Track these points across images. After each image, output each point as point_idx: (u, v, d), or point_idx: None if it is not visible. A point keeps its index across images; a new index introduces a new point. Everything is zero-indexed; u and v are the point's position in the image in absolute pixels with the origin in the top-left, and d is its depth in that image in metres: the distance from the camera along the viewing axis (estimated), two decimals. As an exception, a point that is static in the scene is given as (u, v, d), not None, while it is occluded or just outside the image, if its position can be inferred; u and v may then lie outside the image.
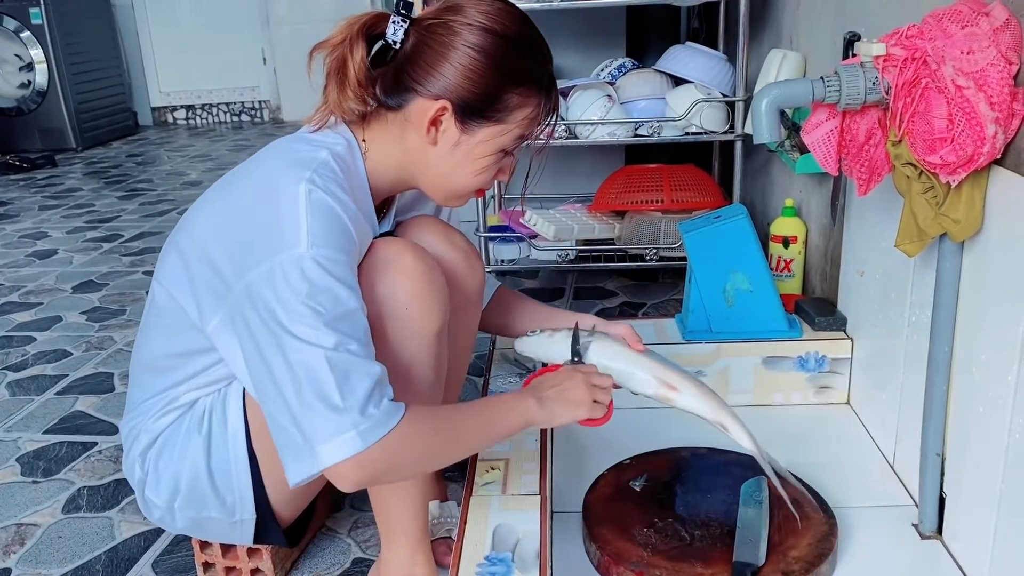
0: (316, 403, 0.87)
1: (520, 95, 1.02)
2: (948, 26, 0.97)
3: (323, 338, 0.88)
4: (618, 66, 2.29)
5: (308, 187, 0.94)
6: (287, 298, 0.89)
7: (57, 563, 1.36)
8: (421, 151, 1.04)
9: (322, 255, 0.91)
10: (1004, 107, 0.93)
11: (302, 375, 0.88)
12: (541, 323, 1.28)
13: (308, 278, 0.89)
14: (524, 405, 1.04)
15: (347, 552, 1.35)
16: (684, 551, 1.13)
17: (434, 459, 0.99)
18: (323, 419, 0.87)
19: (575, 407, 1.07)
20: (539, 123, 1.06)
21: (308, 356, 0.88)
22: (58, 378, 2.01)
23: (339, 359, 0.88)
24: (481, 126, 1.02)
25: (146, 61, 5.88)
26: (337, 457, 0.87)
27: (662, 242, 2.12)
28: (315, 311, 0.89)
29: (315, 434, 0.88)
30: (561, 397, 1.07)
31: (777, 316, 1.55)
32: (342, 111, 1.03)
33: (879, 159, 1.10)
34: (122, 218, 3.51)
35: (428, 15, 1.02)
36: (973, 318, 1.07)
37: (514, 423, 1.03)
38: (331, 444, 0.87)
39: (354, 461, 0.87)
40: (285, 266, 0.90)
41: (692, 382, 1.17)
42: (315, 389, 0.88)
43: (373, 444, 0.87)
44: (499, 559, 0.97)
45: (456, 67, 0.98)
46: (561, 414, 1.06)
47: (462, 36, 0.98)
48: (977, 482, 1.07)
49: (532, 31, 1.04)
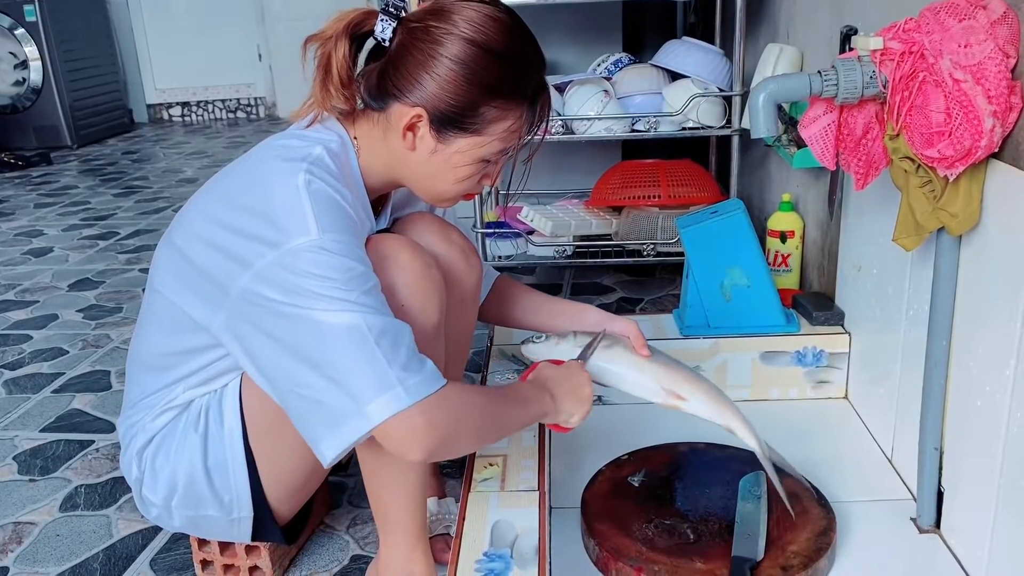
0: (359, 365, 0.88)
1: (498, 108, 1.00)
2: (945, 19, 0.97)
3: (353, 307, 0.89)
4: (615, 61, 2.29)
5: (306, 177, 0.94)
6: (309, 280, 0.90)
7: (55, 562, 1.36)
8: (403, 155, 1.03)
9: (334, 239, 0.92)
10: (1002, 101, 0.93)
11: (341, 343, 0.89)
12: (543, 313, 1.30)
13: (328, 262, 0.90)
14: (544, 396, 1.08)
15: (345, 549, 1.35)
16: (682, 546, 1.13)
17: (487, 432, 1.01)
18: (368, 379, 0.88)
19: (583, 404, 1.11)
20: (522, 135, 1.04)
21: (344, 324, 0.89)
22: (55, 376, 2.01)
23: (375, 322, 0.90)
24: (457, 136, 1.01)
25: (141, 58, 5.86)
26: (387, 412, 0.88)
27: (659, 237, 2.11)
28: (341, 288, 0.90)
29: (362, 394, 0.88)
30: (574, 395, 1.11)
31: (775, 311, 1.55)
32: (327, 108, 1.03)
33: (877, 153, 1.09)
34: (118, 215, 3.50)
35: (415, 16, 1.00)
36: (971, 312, 1.07)
37: (535, 412, 1.07)
38: (379, 401, 0.88)
39: (418, 420, 0.89)
40: (301, 253, 0.90)
41: (699, 388, 1.19)
42: (356, 352, 0.88)
43: (424, 399, 0.89)
44: (498, 555, 0.97)
45: (433, 77, 0.97)
46: (573, 411, 1.11)
47: (443, 46, 0.97)
48: (975, 476, 1.07)
49: (518, 41, 1.01)
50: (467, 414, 0.96)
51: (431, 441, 0.91)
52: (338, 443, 0.90)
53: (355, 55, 1.03)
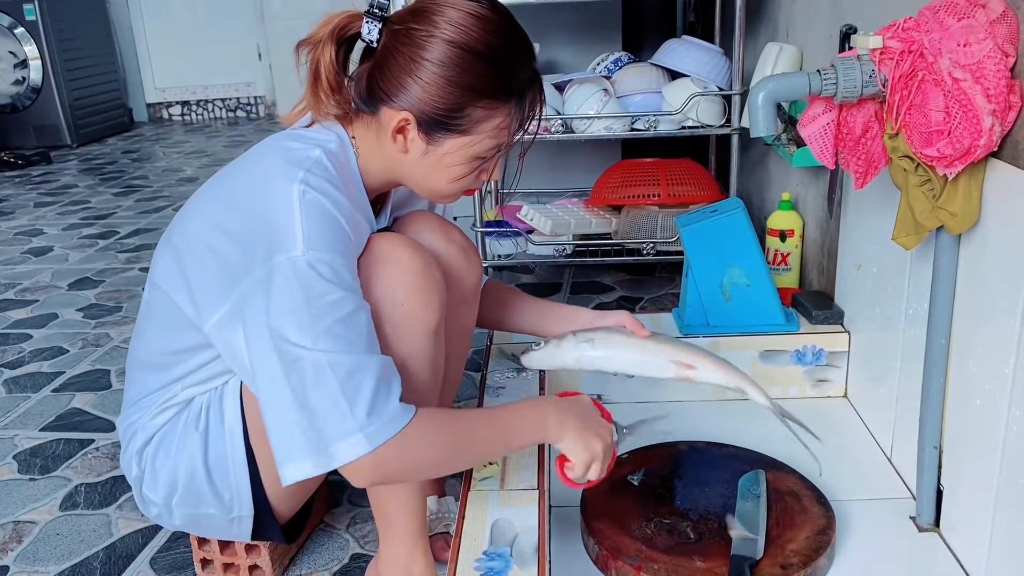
0: (322, 404, 0.88)
1: (485, 108, 0.99)
2: (944, 18, 0.97)
3: (321, 343, 0.89)
4: (614, 60, 2.29)
5: (301, 188, 0.93)
6: (283, 305, 0.89)
7: (55, 560, 1.36)
8: (396, 157, 1.03)
9: (317, 258, 0.91)
10: (1001, 99, 0.93)
11: (305, 379, 0.88)
12: (534, 316, 1.29)
13: (304, 284, 0.90)
14: (543, 424, 1.03)
15: (345, 548, 1.35)
16: (682, 545, 1.13)
17: (448, 462, 1.00)
18: (331, 421, 0.88)
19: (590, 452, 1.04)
20: (514, 130, 1.04)
21: (309, 361, 0.88)
22: (55, 375, 2.01)
23: (340, 361, 0.89)
24: (446, 138, 1.00)
25: (141, 57, 5.86)
26: (348, 457, 0.89)
27: (659, 236, 2.11)
28: (313, 316, 0.89)
29: (328, 434, 0.89)
30: (585, 432, 1.04)
31: (774, 310, 1.55)
32: (320, 113, 1.03)
33: (876, 152, 1.09)
34: (118, 215, 3.50)
35: (397, 19, 1.00)
36: (970, 311, 1.07)
37: (529, 439, 1.04)
38: (343, 444, 0.88)
39: (366, 461, 0.89)
40: (281, 271, 0.90)
41: (705, 356, 1.19)
42: (320, 393, 0.88)
43: (381, 445, 0.89)
44: (497, 554, 0.97)
45: (417, 81, 0.97)
46: (577, 451, 1.04)
47: (425, 49, 0.96)
48: (974, 475, 1.07)
49: (502, 38, 0.99)
50: (424, 451, 0.94)
51: (375, 478, 0.93)
52: (298, 473, 0.90)
53: (345, 58, 1.03)
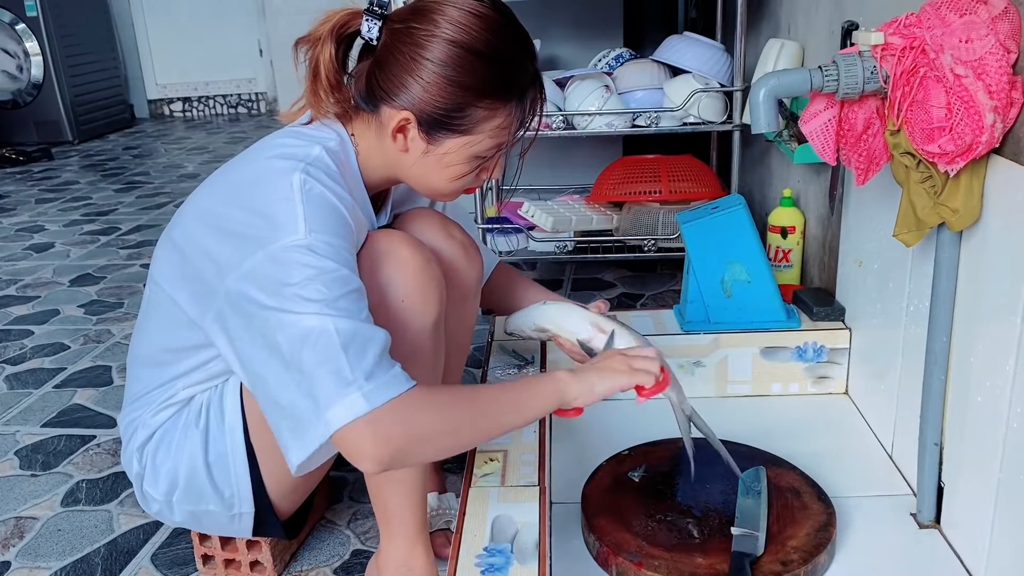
0: (323, 370, 0.86)
1: (486, 108, 0.99)
2: (946, 15, 0.96)
3: (327, 311, 0.87)
4: (615, 56, 2.29)
5: (302, 176, 0.94)
6: (289, 280, 0.89)
7: (56, 556, 1.36)
8: (396, 155, 1.03)
9: (321, 240, 0.91)
10: (1003, 96, 0.93)
11: (308, 347, 0.86)
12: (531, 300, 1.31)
13: (309, 263, 0.89)
14: (554, 377, 1.02)
15: (346, 544, 1.35)
16: (683, 541, 1.13)
17: (459, 434, 0.94)
18: (330, 384, 0.85)
19: (614, 374, 1.04)
20: (515, 130, 1.03)
21: (314, 328, 0.87)
22: (56, 371, 2.01)
23: (345, 327, 0.87)
24: (447, 137, 1.00)
25: (142, 53, 5.86)
26: (345, 419, 0.84)
27: (660, 233, 2.11)
28: (319, 291, 0.88)
29: (324, 399, 0.85)
30: (597, 367, 1.05)
31: (775, 306, 1.55)
32: (319, 111, 1.03)
33: (877, 149, 1.09)
34: (119, 211, 3.50)
35: (397, 17, 0.99)
36: (971, 307, 1.06)
37: (547, 399, 1.00)
38: (338, 407, 0.85)
39: (366, 429, 0.85)
40: (286, 252, 0.90)
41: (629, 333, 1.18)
42: (322, 357, 0.86)
43: (381, 405, 0.85)
44: (498, 550, 0.97)
45: (418, 81, 0.96)
46: (599, 381, 1.03)
47: (426, 49, 0.96)
48: (975, 471, 1.07)
49: (503, 37, 0.99)
50: (429, 418, 0.90)
51: (382, 453, 0.87)
52: (302, 451, 0.88)
53: (345, 55, 1.03)
